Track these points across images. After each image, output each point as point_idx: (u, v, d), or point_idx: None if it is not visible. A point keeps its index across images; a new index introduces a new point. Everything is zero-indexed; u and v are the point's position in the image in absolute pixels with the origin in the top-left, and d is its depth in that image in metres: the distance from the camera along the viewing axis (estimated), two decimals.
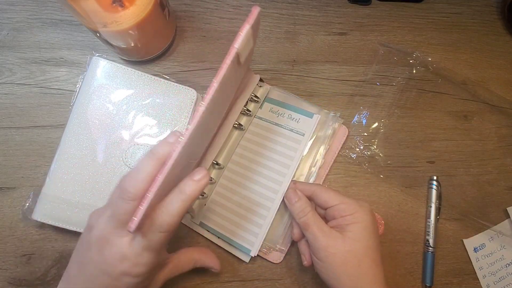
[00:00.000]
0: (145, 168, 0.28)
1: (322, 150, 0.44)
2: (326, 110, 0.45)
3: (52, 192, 0.41)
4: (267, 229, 0.42)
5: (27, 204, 0.42)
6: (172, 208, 0.29)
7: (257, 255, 0.43)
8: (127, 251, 0.29)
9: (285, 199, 0.41)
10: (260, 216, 0.42)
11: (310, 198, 0.40)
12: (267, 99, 0.46)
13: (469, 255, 0.45)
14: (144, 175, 0.28)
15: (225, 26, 0.49)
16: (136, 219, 0.26)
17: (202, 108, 0.28)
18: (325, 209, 0.38)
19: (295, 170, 0.43)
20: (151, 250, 0.30)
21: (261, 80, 0.45)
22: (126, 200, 0.28)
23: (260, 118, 0.45)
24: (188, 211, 0.37)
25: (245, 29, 0.29)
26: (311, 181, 0.44)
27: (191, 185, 0.29)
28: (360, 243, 0.35)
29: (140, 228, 0.28)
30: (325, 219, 0.39)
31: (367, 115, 0.47)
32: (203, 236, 0.44)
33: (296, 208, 0.39)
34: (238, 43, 0.29)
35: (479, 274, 0.45)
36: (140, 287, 0.32)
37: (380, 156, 0.47)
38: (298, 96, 0.46)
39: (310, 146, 0.44)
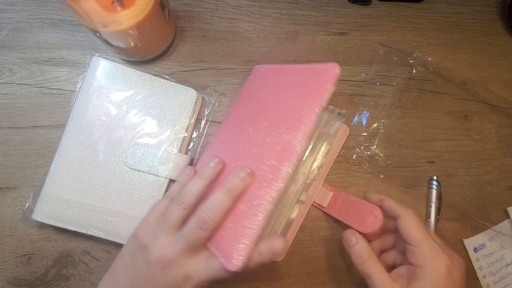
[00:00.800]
0: (223, 204, 0.32)
1: (324, 148, 0.44)
2: (331, 107, 0.45)
3: (52, 192, 0.41)
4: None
5: (27, 204, 0.42)
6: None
7: None
8: (193, 272, 0.33)
9: (343, 239, 0.38)
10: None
11: (395, 220, 0.37)
12: None
13: (469, 255, 0.45)
14: (222, 210, 0.32)
15: (225, 26, 0.49)
16: (243, 259, 0.31)
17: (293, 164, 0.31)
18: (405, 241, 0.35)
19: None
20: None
21: None
22: (204, 230, 0.32)
23: None
24: None
25: (331, 90, 0.32)
26: (310, 178, 0.44)
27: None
28: None
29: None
30: (403, 254, 0.37)
31: (367, 115, 0.47)
32: None
33: (354, 253, 0.36)
34: (325, 102, 0.32)
35: (479, 274, 0.45)
36: None
37: (380, 156, 0.47)
38: None
39: (313, 143, 0.44)
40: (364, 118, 0.47)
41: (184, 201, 0.34)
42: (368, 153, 0.47)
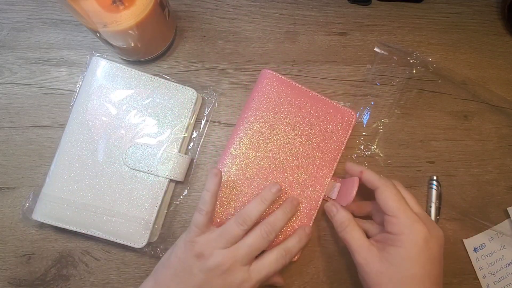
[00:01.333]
0: (283, 221, 0.39)
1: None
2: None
3: (52, 192, 0.41)
4: None
5: (27, 204, 0.42)
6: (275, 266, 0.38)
7: None
8: (247, 276, 0.36)
9: (326, 212, 0.42)
10: None
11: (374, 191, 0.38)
12: None
13: (469, 255, 0.45)
14: (282, 224, 0.39)
15: (225, 26, 0.49)
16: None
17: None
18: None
19: None
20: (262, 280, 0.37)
21: None
22: (266, 241, 0.37)
23: None
24: None
25: (349, 134, 0.45)
26: None
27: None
28: (397, 269, 0.33)
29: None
30: (380, 225, 0.38)
31: (368, 115, 0.47)
32: None
33: (335, 222, 0.39)
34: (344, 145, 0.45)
35: (479, 274, 0.45)
36: None
37: (380, 156, 0.47)
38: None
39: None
40: (365, 118, 0.47)
41: (246, 222, 0.37)
42: (368, 153, 0.47)
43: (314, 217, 0.43)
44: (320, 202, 0.43)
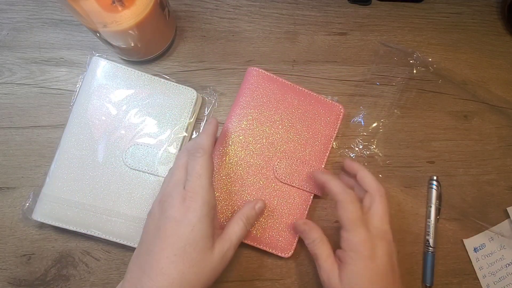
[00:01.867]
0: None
1: None
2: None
3: (52, 192, 0.41)
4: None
5: (27, 204, 0.42)
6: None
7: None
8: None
9: (296, 229, 0.42)
10: None
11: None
12: None
13: (469, 255, 0.45)
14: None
15: (225, 26, 0.49)
16: (295, 245, 0.43)
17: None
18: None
19: None
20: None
21: None
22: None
23: None
24: None
25: (338, 127, 0.45)
26: None
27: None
28: (350, 286, 0.35)
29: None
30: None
31: (367, 115, 0.47)
32: None
33: (307, 238, 0.40)
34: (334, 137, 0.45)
35: (479, 274, 0.45)
36: None
37: (379, 156, 0.47)
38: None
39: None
40: (363, 118, 0.47)
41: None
42: (367, 152, 0.47)
43: (306, 212, 0.43)
44: (312, 197, 0.43)
